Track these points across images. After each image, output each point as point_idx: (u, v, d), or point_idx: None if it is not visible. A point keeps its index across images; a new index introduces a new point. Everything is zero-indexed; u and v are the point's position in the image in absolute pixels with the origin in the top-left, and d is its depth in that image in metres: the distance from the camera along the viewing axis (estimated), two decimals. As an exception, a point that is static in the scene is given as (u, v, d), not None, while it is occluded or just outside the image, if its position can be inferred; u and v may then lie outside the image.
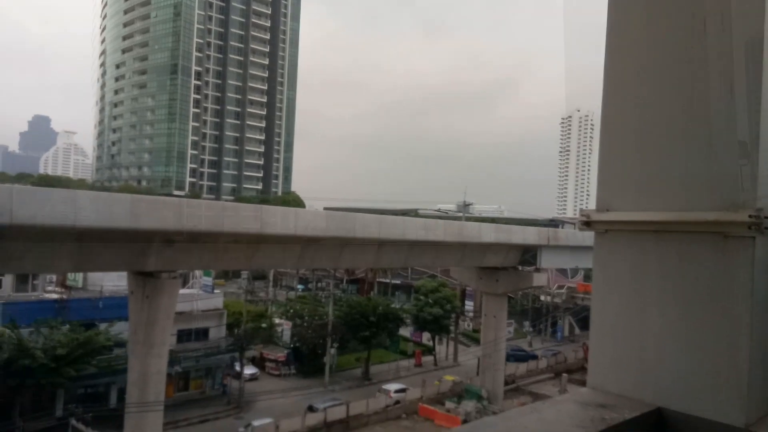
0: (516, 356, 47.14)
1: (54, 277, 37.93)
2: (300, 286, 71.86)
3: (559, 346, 54.07)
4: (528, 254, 34.55)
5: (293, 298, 61.51)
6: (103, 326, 31.38)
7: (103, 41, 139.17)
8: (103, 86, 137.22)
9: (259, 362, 42.92)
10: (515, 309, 57.25)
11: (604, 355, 2.15)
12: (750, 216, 1.78)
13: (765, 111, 1.87)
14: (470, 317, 57.57)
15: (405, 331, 51.98)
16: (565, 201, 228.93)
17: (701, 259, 1.90)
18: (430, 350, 50.41)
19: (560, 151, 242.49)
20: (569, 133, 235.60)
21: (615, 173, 2.15)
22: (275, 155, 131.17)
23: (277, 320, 47.06)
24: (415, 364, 47.90)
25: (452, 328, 50.31)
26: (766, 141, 1.87)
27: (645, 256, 2.04)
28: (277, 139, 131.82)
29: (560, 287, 58.67)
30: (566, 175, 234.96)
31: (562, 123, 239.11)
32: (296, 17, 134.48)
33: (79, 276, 38.21)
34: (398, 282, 67.81)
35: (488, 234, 31.42)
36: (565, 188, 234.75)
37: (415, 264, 43.48)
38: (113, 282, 36.80)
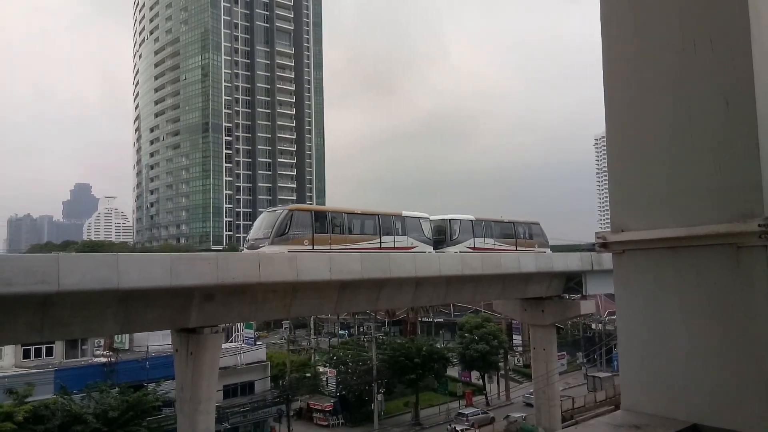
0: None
1: (102, 341, 38.59)
2: (342, 332, 71.36)
3: (618, 375, 51.81)
4: (572, 281, 33.53)
5: (336, 345, 61.01)
6: (150, 386, 31.55)
7: (137, 107, 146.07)
8: (139, 150, 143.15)
9: (306, 413, 42.33)
10: (566, 340, 55.44)
11: (634, 376, 2.16)
12: (759, 225, 1.81)
13: (762, 119, 1.89)
14: (519, 352, 55.92)
15: (453, 371, 50.72)
16: (607, 223, 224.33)
17: (717, 271, 1.93)
18: (480, 390, 48.93)
19: (597, 173, 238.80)
20: (604, 153, 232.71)
21: (626, 193, 2.22)
22: (308, 202, 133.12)
23: (321, 368, 46.59)
24: (466, 405, 46.44)
25: (501, 364, 48.84)
26: (766, 149, 1.90)
27: (663, 273, 2.07)
28: (308, 185, 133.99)
29: (612, 313, 56.63)
30: (606, 196, 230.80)
31: (596, 143, 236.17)
32: (319, 66, 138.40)
33: (126, 338, 38.83)
34: (441, 320, 66.72)
35: (528, 263, 30.65)
36: (606, 210, 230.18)
37: (455, 300, 42.72)
38: (158, 341, 37.25)
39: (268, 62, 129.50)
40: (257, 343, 43.58)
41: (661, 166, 2.08)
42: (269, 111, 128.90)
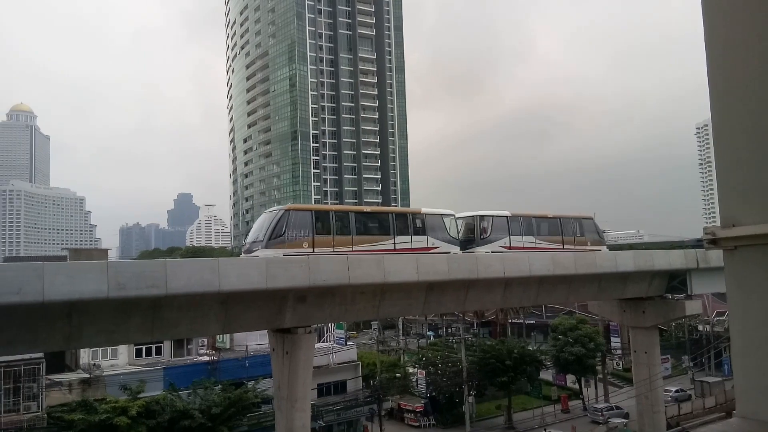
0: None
1: (205, 341, 41.03)
2: (430, 333, 71.28)
3: (730, 380, 47.92)
4: (676, 280, 31.41)
5: (424, 346, 60.99)
6: (250, 384, 33.07)
7: (231, 119, 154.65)
8: (234, 159, 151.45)
9: (397, 413, 42.65)
10: (670, 342, 52.04)
11: (751, 381, 1.98)
12: None
13: None
14: (618, 355, 53.18)
15: (546, 375, 49.15)
16: (714, 216, 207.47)
17: None
18: (576, 394, 47.04)
19: (700, 163, 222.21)
20: (708, 143, 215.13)
21: (737, 185, 2.02)
22: (392, 204, 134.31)
23: (410, 369, 46.75)
24: (562, 409, 44.82)
25: (599, 368, 46.68)
26: None
27: None
28: (393, 187, 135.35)
29: (721, 314, 52.41)
30: (710, 189, 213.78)
31: (698, 132, 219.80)
32: (401, 69, 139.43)
33: (227, 337, 41.04)
34: (532, 321, 64.87)
35: (626, 262, 29.07)
36: (711, 203, 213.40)
37: (547, 301, 41.36)
38: (256, 341, 39.06)
39: (351, 69, 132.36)
40: (348, 343, 44.52)
41: None
42: (353, 116, 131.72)
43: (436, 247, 23.75)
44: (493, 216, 26.59)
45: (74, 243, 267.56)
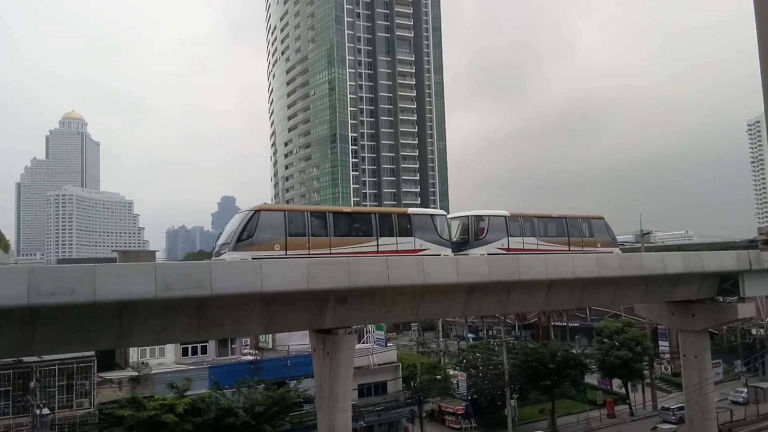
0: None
1: (248, 341, 41.82)
2: (470, 335, 70.66)
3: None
4: (727, 282, 30.21)
5: (465, 348, 60.51)
6: (292, 384, 33.52)
7: (272, 123, 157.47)
8: (275, 163, 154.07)
9: (438, 415, 42.44)
10: (721, 347, 50.05)
11: None
12: None
13: None
14: (666, 359, 51.48)
15: (591, 379, 48.01)
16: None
17: None
18: (623, 398, 45.77)
19: (752, 161, 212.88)
20: (759, 140, 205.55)
21: None
22: (431, 206, 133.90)
23: (451, 371, 46.45)
24: (608, 414, 43.70)
25: (646, 372, 45.30)
26: None
27: None
28: (431, 189, 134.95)
29: (775, 317, 50.13)
30: (763, 188, 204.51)
31: (750, 129, 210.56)
32: (439, 70, 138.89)
33: (269, 337, 41.75)
34: (576, 324, 63.49)
35: (674, 263, 28.14)
36: (765, 202, 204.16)
37: (591, 303, 40.41)
38: (297, 341, 39.57)
39: (390, 71, 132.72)
40: (388, 344, 44.58)
41: None
42: (392, 118, 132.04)
43: (424, 249, 22.67)
44: (489, 216, 25.35)
45: (123, 245, 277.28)
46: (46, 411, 22.30)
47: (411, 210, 23.58)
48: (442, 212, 24.57)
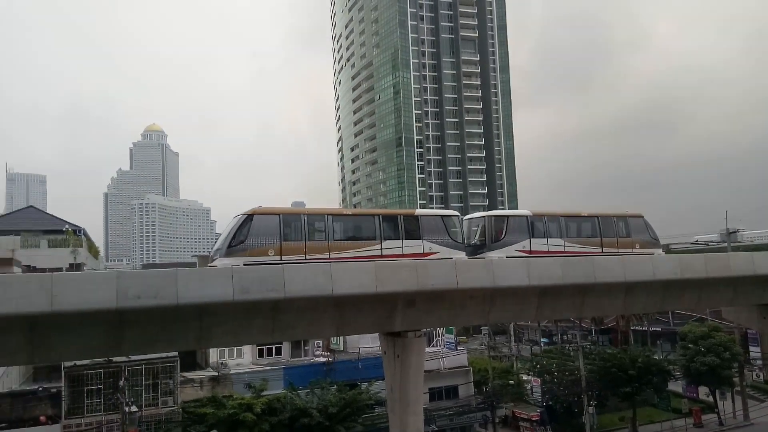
0: None
1: (320, 342, 42.66)
2: (543, 340, 68.79)
3: None
4: (829, 284, 27.83)
5: (538, 353, 58.92)
6: (364, 386, 33.83)
7: (338, 129, 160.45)
8: (342, 168, 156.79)
9: (511, 421, 41.54)
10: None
11: None
12: None
13: None
14: (758, 365, 47.96)
15: (676, 386, 45.48)
16: None
17: None
18: (711, 407, 43.05)
19: None
20: None
21: None
22: (500, 207, 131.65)
23: (524, 376, 45.35)
24: (694, 423, 41.22)
25: (736, 379, 42.38)
26: None
27: None
28: (500, 190, 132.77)
29: None
30: None
31: None
32: (505, 69, 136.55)
33: (340, 339, 42.39)
34: (658, 329, 60.36)
35: (765, 263, 26.23)
36: None
37: (673, 307, 38.29)
38: (368, 343, 39.95)
39: (454, 72, 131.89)
40: (458, 348, 44.14)
41: None
42: (457, 120, 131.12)
43: (433, 253, 21.59)
44: (508, 216, 24.15)
45: (202, 250, 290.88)
46: (134, 408, 23.65)
47: (419, 211, 22.79)
48: (455, 213, 23.59)
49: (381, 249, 20.77)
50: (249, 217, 18.72)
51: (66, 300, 14.09)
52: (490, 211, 25.10)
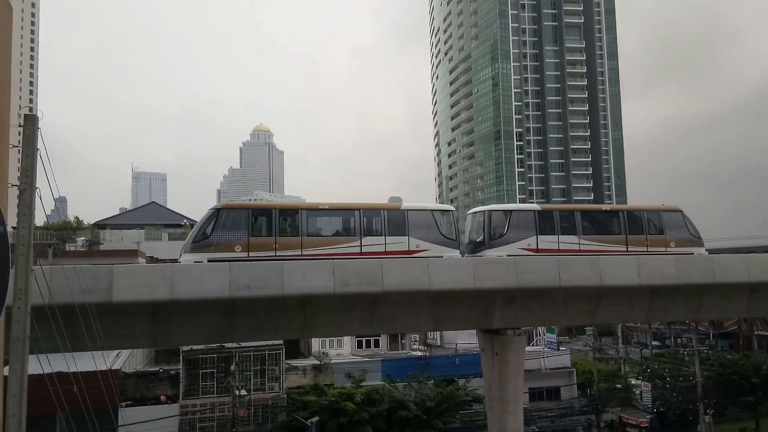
0: None
1: (417, 337, 43.00)
2: (655, 342, 64.53)
3: None
4: None
5: (648, 356, 55.39)
6: (461, 382, 33.69)
7: (435, 124, 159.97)
8: (439, 163, 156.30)
9: (618, 426, 39.49)
10: None
11: None
12: None
13: None
14: None
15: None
16: None
17: None
18: None
19: None
20: None
21: None
22: (606, 201, 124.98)
23: (632, 381, 42.88)
24: (832, 442, 36.91)
25: None
26: None
27: None
28: (606, 183, 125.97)
29: None
30: None
31: None
32: (613, 55, 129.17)
33: (437, 334, 42.47)
34: (787, 335, 54.59)
35: None
36: None
37: (811, 311, 34.36)
38: (465, 340, 39.67)
39: (557, 61, 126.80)
40: (560, 348, 42.62)
41: None
42: (560, 111, 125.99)
43: (422, 250, 20.03)
44: (511, 210, 21.98)
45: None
46: (243, 392, 25.22)
47: (405, 205, 20.94)
48: (449, 208, 21.92)
49: (360, 245, 19.61)
50: (216, 212, 18.23)
51: (185, 289, 15.29)
52: (491, 205, 23.47)
